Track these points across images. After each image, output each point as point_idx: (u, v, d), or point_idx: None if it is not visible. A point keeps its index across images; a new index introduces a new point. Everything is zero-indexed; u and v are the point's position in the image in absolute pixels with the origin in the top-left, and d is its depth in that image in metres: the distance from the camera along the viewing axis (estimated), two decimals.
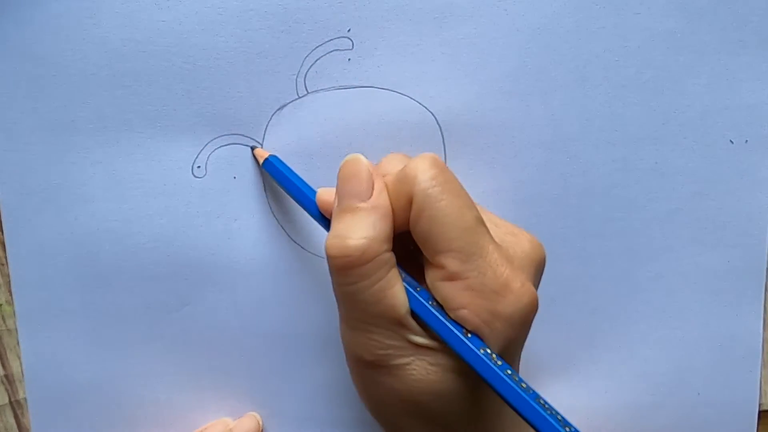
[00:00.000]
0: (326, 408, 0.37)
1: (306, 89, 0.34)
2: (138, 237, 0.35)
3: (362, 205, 0.27)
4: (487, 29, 0.34)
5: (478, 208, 0.28)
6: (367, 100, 0.34)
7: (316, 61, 0.34)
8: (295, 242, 0.35)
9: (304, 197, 0.31)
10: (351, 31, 0.34)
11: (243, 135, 0.34)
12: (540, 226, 0.35)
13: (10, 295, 0.36)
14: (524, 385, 0.25)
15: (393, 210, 0.27)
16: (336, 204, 0.28)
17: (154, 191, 0.35)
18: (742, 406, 0.38)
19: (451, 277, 0.26)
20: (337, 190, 0.28)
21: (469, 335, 0.26)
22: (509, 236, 0.29)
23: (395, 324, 0.26)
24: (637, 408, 0.38)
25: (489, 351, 0.26)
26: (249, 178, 0.35)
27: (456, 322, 0.26)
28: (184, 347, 0.36)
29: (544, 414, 0.24)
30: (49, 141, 0.34)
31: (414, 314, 0.27)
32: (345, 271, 0.26)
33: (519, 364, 0.30)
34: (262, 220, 0.35)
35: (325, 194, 0.30)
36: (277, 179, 0.33)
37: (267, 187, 0.35)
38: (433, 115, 0.35)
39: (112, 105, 0.34)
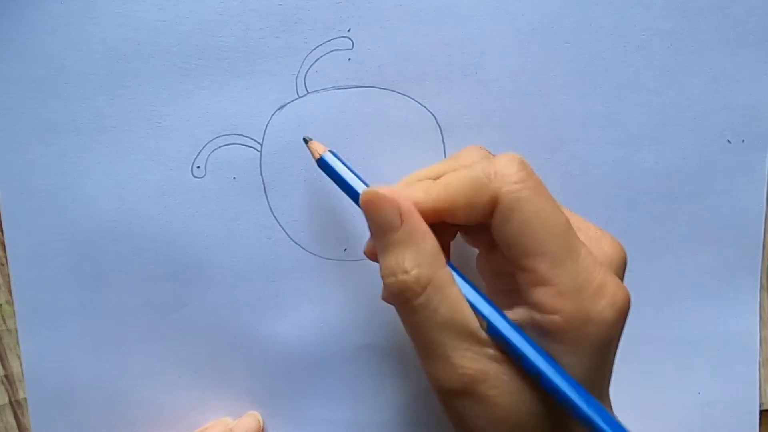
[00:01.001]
0: (326, 408, 0.37)
1: (306, 89, 0.34)
2: (138, 237, 0.35)
3: (396, 236, 0.26)
4: (487, 29, 0.34)
5: (565, 211, 0.27)
6: (367, 100, 0.34)
7: (316, 61, 0.34)
8: (295, 242, 0.35)
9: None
10: (351, 31, 0.34)
11: (243, 135, 0.34)
12: None
13: (10, 295, 0.36)
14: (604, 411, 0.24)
15: (469, 205, 0.26)
16: (376, 241, 0.27)
17: (153, 191, 0.35)
18: (742, 406, 0.38)
19: (543, 282, 0.25)
20: (370, 227, 0.28)
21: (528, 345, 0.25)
22: (593, 240, 0.28)
23: (473, 341, 0.26)
24: (636, 408, 0.38)
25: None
26: (248, 178, 0.35)
27: (545, 327, 0.25)
28: (184, 347, 0.36)
29: None
30: (49, 141, 0.34)
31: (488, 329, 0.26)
32: (408, 303, 0.26)
33: (610, 377, 0.29)
34: (261, 221, 0.35)
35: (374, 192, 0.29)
36: (332, 176, 0.31)
37: (266, 188, 0.35)
38: (432, 115, 0.35)
39: (112, 105, 0.34)
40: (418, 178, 0.29)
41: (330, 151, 0.32)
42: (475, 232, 0.29)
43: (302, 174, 0.35)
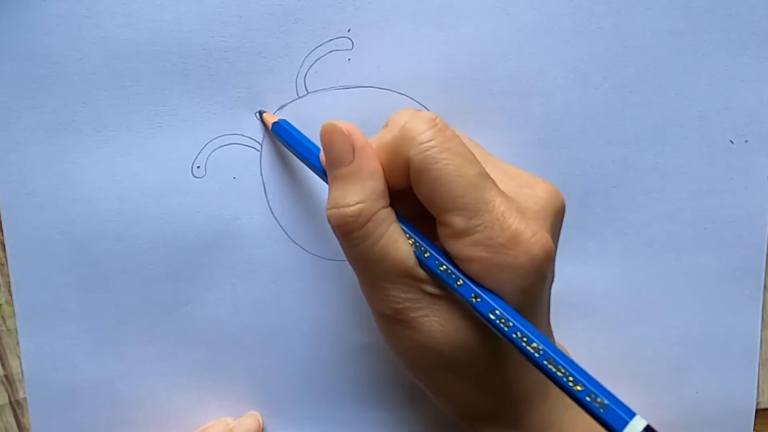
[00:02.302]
0: (326, 408, 0.37)
1: (306, 89, 0.34)
2: (138, 237, 0.35)
3: (346, 169, 0.27)
4: (487, 29, 0.34)
5: (492, 159, 0.29)
6: (367, 100, 0.34)
7: (316, 61, 0.34)
8: (295, 242, 0.35)
9: (315, 159, 0.31)
10: (351, 31, 0.34)
11: (243, 135, 0.34)
12: None
13: (10, 295, 0.36)
14: (535, 346, 0.25)
15: (393, 169, 0.27)
16: (327, 173, 0.28)
17: (153, 191, 0.35)
18: (740, 405, 0.38)
19: (459, 235, 0.26)
20: (324, 153, 0.28)
21: (461, 283, 0.27)
22: (524, 187, 0.29)
23: (406, 276, 0.27)
24: (636, 407, 0.38)
25: (486, 300, 0.26)
26: (248, 178, 0.35)
27: (467, 276, 0.27)
28: (184, 347, 0.36)
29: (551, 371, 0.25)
30: (49, 141, 0.34)
31: (424, 267, 0.27)
32: (347, 235, 0.27)
33: (546, 310, 0.30)
34: (261, 220, 0.35)
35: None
36: (287, 142, 0.32)
37: (266, 188, 0.35)
38: None
39: (112, 105, 0.34)
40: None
41: (282, 120, 0.33)
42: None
43: (302, 174, 0.35)
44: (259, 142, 0.35)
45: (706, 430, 0.38)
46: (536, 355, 0.25)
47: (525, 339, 0.25)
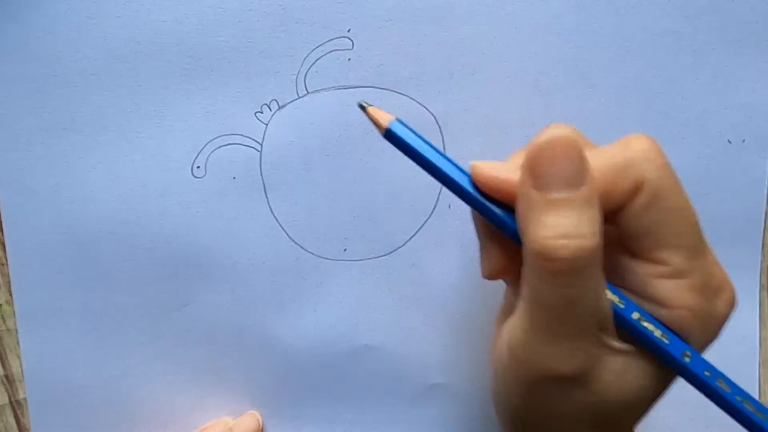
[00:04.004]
0: (326, 408, 0.37)
1: (306, 89, 0.34)
2: (138, 237, 0.35)
3: (579, 194, 0.22)
4: (487, 29, 0.34)
5: None
6: (367, 100, 0.34)
7: (316, 61, 0.34)
8: (295, 242, 0.35)
9: (449, 169, 0.25)
10: (351, 31, 0.34)
11: (242, 135, 0.34)
12: None
13: (10, 295, 0.36)
14: (750, 405, 0.24)
15: (607, 186, 0.23)
16: (535, 193, 0.22)
17: (153, 191, 0.35)
18: None
19: (675, 275, 0.23)
20: (534, 171, 0.22)
21: (667, 340, 0.24)
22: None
23: (601, 327, 0.23)
24: None
25: (692, 354, 0.24)
26: (248, 178, 0.35)
27: (662, 323, 0.24)
28: (184, 347, 0.36)
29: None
30: (50, 141, 0.34)
31: (619, 318, 0.24)
32: (574, 273, 0.22)
33: None
34: (261, 220, 0.35)
35: (489, 169, 0.24)
36: (404, 148, 0.25)
37: (266, 187, 0.35)
38: (432, 115, 0.35)
39: (112, 105, 0.34)
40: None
41: (397, 119, 0.25)
42: None
43: (302, 174, 0.35)
44: (259, 142, 0.35)
45: (707, 431, 0.38)
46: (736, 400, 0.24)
47: (749, 405, 0.24)
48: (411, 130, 0.25)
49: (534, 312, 0.23)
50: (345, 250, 0.36)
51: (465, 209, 0.35)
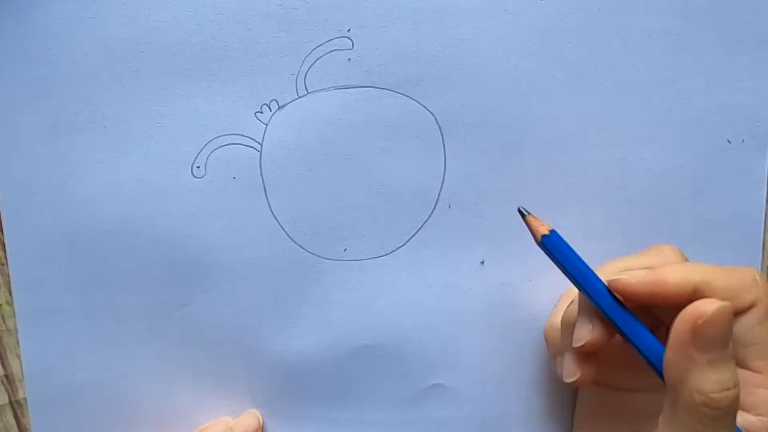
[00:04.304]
0: (325, 408, 0.37)
1: (306, 89, 0.34)
2: (138, 237, 0.35)
3: (729, 351, 0.27)
4: (487, 29, 0.34)
5: None
6: (367, 100, 0.34)
7: (316, 61, 0.34)
8: (295, 242, 0.35)
9: (589, 283, 0.29)
10: (351, 30, 0.34)
11: (242, 135, 0.34)
12: None
13: (10, 295, 0.36)
14: None
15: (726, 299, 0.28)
16: (699, 354, 0.27)
17: (153, 191, 0.35)
18: None
19: None
20: (698, 335, 0.27)
21: None
22: None
23: None
24: None
25: None
26: (248, 178, 0.35)
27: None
28: (184, 347, 0.36)
29: None
30: (49, 141, 0.34)
31: None
32: (728, 419, 0.26)
33: None
34: (261, 220, 0.35)
35: (633, 284, 0.29)
36: (558, 259, 0.30)
37: (266, 187, 0.35)
38: (432, 115, 0.35)
39: (112, 105, 0.34)
40: (628, 266, 0.31)
41: (553, 230, 0.30)
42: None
43: (302, 174, 0.35)
44: (259, 142, 0.35)
45: None
46: None
47: None
48: (564, 242, 0.29)
49: None
50: (345, 250, 0.36)
51: (464, 210, 0.35)
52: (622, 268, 0.30)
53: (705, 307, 0.26)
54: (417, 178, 0.35)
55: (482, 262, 0.36)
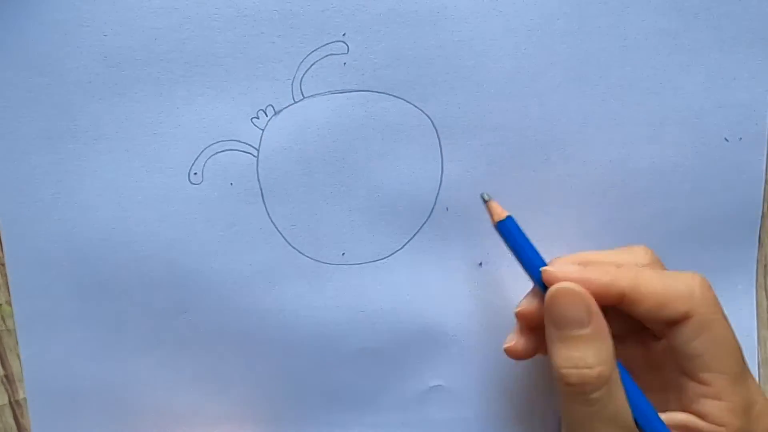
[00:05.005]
0: (325, 412, 0.37)
1: (302, 94, 0.34)
2: (136, 244, 0.35)
3: (584, 332, 0.28)
4: (482, 31, 0.34)
5: None
6: (363, 104, 0.34)
7: (312, 65, 0.34)
8: (293, 247, 0.35)
9: (533, 268, 0.31)
10: (346, 35, 0.34)
11: (239, 141, 0.34)
12: (540, 226, 0.35)
13: (10, 294, 0.36)
14: None
15: (654, 307, 0.28)
16: (553, 329, 0.29)
17: (151, 198, 0.35)
18: None
19: (717, 397, 0.28)
20: (551, 316, 0.29)
21: None
22: None
23: None
24: None
25: None
26: (246, 184, 0.35)
27: None
28: (184, 353, 0.36)
29: None
30: (47, 149, 0.34)
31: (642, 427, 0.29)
32: (584, 395, 0.28)
33: None
34: (259, 226, 0.35)
35: (557, 276, 0.30)
36: (509, 242, 0.32)
37: (264, 193, 0.35)
38: (429, 117, 0.35)
39: (110, 112, 0.34)
40: (589, 260, 0.31)
41: (509, 216, 0.32)
42: (641, 328, 0.31)
43: (299, 179, 0.35)
44: (255, 148, 0.34)
45: None
46: None
47: None
48: (518, 228, 0.32)
49: (565, 422, 0.29)
50: (343, 254, 0.36)
51: (462, 212, 0.35)
52: (582, 260, 0.31)
53: (557, 287, 0.29)
54: (414, 181, 0.35)
55: (480, 264, 0.36)
